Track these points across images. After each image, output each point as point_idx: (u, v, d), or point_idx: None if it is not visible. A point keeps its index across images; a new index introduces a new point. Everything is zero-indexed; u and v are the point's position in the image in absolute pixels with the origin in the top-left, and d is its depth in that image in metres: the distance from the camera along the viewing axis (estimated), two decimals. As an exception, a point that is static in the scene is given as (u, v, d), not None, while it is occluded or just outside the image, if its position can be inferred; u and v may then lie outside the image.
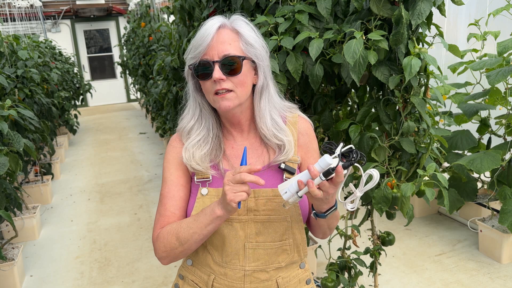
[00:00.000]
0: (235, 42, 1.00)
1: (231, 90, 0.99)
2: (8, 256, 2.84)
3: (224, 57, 0.98)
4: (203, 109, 1.09)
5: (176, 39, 3.59)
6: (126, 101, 12.26)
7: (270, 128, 1.06)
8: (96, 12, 11.02)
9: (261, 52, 1.04)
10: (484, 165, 2.55)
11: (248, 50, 1.01)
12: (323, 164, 0.86)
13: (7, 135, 2.40)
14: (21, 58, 3.79)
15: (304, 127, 1.13)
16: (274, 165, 1.07)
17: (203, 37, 0.99)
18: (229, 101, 1.00)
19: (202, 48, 0.99)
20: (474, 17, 2.73)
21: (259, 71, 1.05)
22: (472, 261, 2.81)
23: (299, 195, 0.91)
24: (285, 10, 1.67)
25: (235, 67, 0.99)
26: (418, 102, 1.59)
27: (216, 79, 0.97)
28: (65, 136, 6.96)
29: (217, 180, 1.06)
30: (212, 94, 1.00)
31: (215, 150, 1.07)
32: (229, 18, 1.04)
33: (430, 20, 1.55)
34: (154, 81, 5.12)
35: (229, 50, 0.98)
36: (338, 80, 1.94)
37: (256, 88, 1.06)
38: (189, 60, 1.03)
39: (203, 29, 1.00)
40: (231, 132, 1.10)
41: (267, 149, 1.09)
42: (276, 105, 1.09)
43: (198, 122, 1.09)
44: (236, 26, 1.01)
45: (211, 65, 0.98)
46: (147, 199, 4.37)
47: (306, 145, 1.12)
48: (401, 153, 1.73)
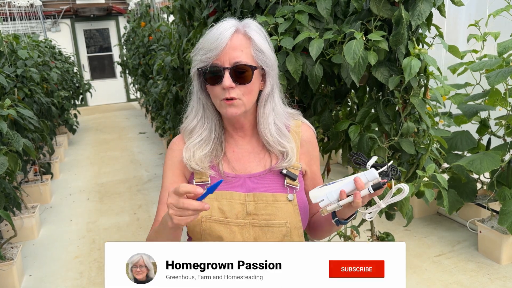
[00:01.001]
0: (247, 48, 0.99)
1: (239, 98, 0.99)
2: (7, 256, 2.83)
3: (235, 65, 0.97)
4: (207, 110, 1.08)
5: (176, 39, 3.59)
6: (126, 101, 12.26)
7: (273, 135, 1.06)
8: (96, 11, 11.01)
9: (271, 59, 1.03)
10: (483, 166, 2.54)
11: (258, 57, 1.00)
12: (370, 177, 0.88)
13: (6, 135, 2.39)
14: (20, 58, 3.79)
15: (308, 134, 1.13)
16: (275, 170, 1.06)
17: (216, 41, 0.97)
18: (236, 108, 1.00)
19: (214, 54, 0.97)
20: (474, 18, 2.72)
21: (267, 79, 1.04)
22: (471, 262, 2.81)
23: (340, 205, 0.92)
24: (285, 10, 1.66)
25: (246, 75, 0.98)
26: (417, 103, 1.59)
27: (226, 87, 0.97)
28: (65, 136, 6.96)
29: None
30: (220, 99, 1.00)
31: (216, 151, 1.07)
32: (241, 21, 1.02)
33: (430, 21, 1.55)
34: (154, 81, 5.12)
35: (241, 57, 0.97)
36: (337, 80, 1.94)
37: (262, 95, 1.05)
38: (198, 62, 1.01)
39: (216, 32, 0.98)
40: (232, 135, 1.10)
41: (269, 154, 1.08)
42: (279, 112, 1.08)
43: (201, 122, 1.08)
44: (249, 32, 1.00)
45: (221, 71, 0.97)
46: (146, 199, 4.37)
47: (309, 153, 1.12)
48: (401, 153, 1.73)
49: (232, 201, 1.03)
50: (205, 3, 2.35)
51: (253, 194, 1.03)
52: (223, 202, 1.03)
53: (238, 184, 1.05)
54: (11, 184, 2.75)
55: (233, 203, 1.03)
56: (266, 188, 1.04)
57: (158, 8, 6.05)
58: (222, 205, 1.03)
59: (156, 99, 4.99)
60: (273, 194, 1.03)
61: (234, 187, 1.05)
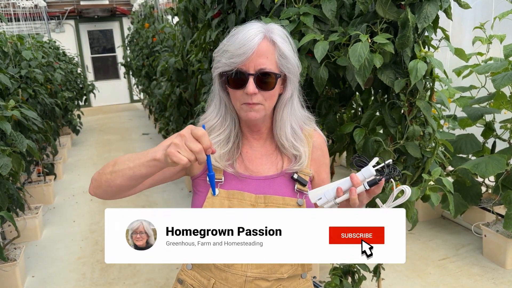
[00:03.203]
0: (272, 55, 0.99)
1: (261, 103, 0.99)
2: (10, 257, 2.83)
3: (260, 71, 0.97)
4: (229, 109, 1.08)
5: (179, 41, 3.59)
6: (129, 102, 12.27)
7: (289, 139, 1.06)
8: (100, 12, 11.04)
9: (294, 65, 1.03)
10: (489, 169, 2.53)
11: (282, 63, 1.00)
12: (366, 174, 0.89)
13: (10, 136, 2.39)
14: (25, 58, 3.79)
15: (319, 142, 1.13)
16: (287, 174, 1.07)
17: (243, 47, 0.96)
18: (257, 112, 1.00)
19: (241, 60, 0.97)
20: (480, 21, 2.71)
21: (288, 84, 1.04)
22: (476, 266, 2.79)
23: (337, 202, 0.92)
24: (290, 12, 1.66)
25: (269, 82, 0.98)
26: (423, 106, 1.58)
27: (250, 93, 0.97)
28: (68, 136, 6.97)
29: (229, 181, 1.06)
30: (241, 103, 1.00)
31: (234, 149, 1.07)
32: (266, 25, 1.02)
33: (437, 24, 1.54)
34: (158, 82, 5.13)
35: (266, 64, 0.97)
36: (342, 83, 1.93)
37: (282, 99, 1.05)
38: (222, 65, 1.00)
39: (244, 37, 0.97)
40: (248, 137, 1.10)
41: (282, 156, 1.09)
42: (297, 116, 1.09)
43: (221, 121, 1.08)
44: (274, 38, 1.00)
45: (246, 77, 0.97)
46: (149, 200, 4.37)
47: (319, 160, 1.12)
48: (406, 157, 1.72)
49: (243, 201, 1.03)
50: (209, 5, 2.35)
51: (264, 196, 1.03)
52: (234, 202, 1.03)
53: (250, 184, 1.06)
54: (14, 185, 2.75)
55: (244, 203, 1.03)
56: (277, 192, 1.05)
57: (162, 10, 6.05)
58: (233, 204, 1.03)
59: (159, 100, 5.00)
60: (283, 197, 1.04)
61: (246, 187, 1.05)
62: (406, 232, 2.98)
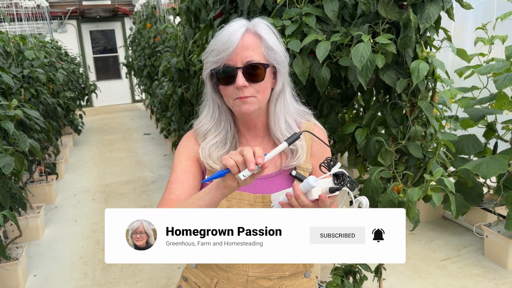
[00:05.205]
0: (258, 47, 0.99)
1: (253, 96, 1.00)
2: (12, 256, 2.84)
3: (248, 64, 0.97)
4: (222, 111, 1.08)
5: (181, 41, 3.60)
6: (131, 102, 12.29)
7: (284, 132, 1.06)
8: (102, 12, 11.06)
9: (282, 57, 1.03)
10: (490, 170, 2.52)
11: (269, 55, 1.01)
12: (307, 186, 0.88)
13: (13, 135, 2.40)
14: (27, 58, 3.80)
15: (318, 135, 1.12)
16: (286, 171, 1.07)
17: (227, 42, 0.97)
18: (250, 104, 1.00)
19: (226, 54, 0.97)
20: (482, 21, 2.70)
21: (278, 76, 1.05)
22: (477, 267, 2.79)
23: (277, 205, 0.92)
24: (292, 12, 1.66)
25: (258, 74, 0.98)
26: (425, 106, 1.58)
27: (240, 86, 0.97)
28: (70, 136, 6.98)
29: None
30: (233, 99, 1.00)
31: (232, 150, 1.07)
32: (251, 21, 1.03)
33: (439, 24, 1.54)
34: (159, 82, 5.13)
35: (253, 56, 0.98)
36: (344, 83, 1.93)
37: (273, 93, 1.06)
38: (210, 64, 1.02)
39: (227, 33, 0.99)
40: (245, 135, 1.10)
41: (280, 154, 1.08)
42: (291, 109, 1.09)
43: (216, 124, 1.08)
44: (259, 30, 1.01)
45: (234, 71, 0.97)
46: (151, 200, 4.37)
47: (319, 154, 1.12)
48: (408, 157, 1.72)
49: (242, 201, 1.04)
50: (211, 5, 2.35)
51: (262, 195, 1.04)
52: (232, 202, 1.04)
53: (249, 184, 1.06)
54: (17, 184, 2.76)
55: (242, 203, 1.04)
56: (275, 190, 1.04)
57: (164, 10, 6.06)
58: (232, 204, 1.04)
59: (161, 100, 5.00)
60: None
61: (245, 187, 1.05)
62: (407, 233, 2.96)
